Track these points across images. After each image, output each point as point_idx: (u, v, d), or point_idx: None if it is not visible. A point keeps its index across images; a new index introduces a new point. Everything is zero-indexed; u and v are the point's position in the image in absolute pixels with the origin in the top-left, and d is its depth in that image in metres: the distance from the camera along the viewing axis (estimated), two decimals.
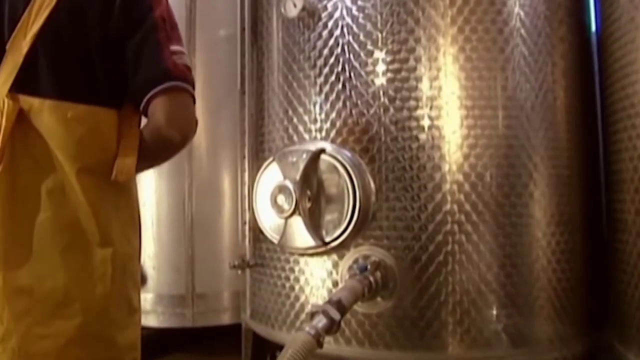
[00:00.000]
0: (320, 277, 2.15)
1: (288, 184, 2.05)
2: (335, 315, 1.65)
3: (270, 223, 2.24)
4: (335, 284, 2.11)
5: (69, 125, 1.24)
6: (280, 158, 2.15)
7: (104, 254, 1.27)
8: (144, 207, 2.88)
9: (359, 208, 2.02)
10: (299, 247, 2.12)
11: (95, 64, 1.30)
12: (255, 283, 2.50)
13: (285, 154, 2.14)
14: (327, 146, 2.11)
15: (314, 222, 2.07)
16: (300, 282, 2.21)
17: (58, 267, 1.23)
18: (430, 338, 1.99)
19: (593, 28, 2.41)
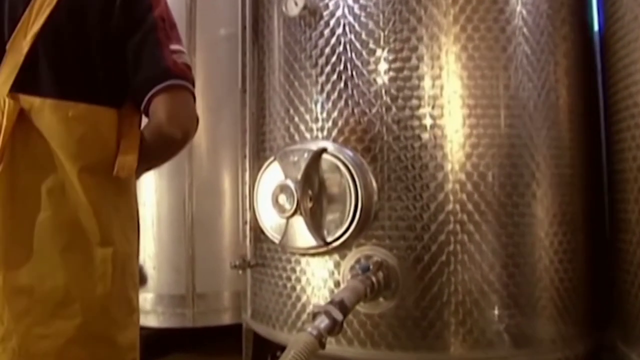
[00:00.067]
0: (321, 277, 2.15)
1: (289, 184, 2.04)
2: (338, 315, 1.64)
3: (271, 223, 2.23)
4: (337, 284, 2.10)
5: (69, 125, 1.24)
6: (281, 157, 2.14)
7: (105, 253, 1.27)
8: (144, 206, 2.89)
9: (360, 208, 2.01)
10: (301, 247, 2.11)
11: (96, 63, 1.30)
12: (256, 283, 2.49)
13: (287, 153, 2.13)
14: (329, 145, 2.10)
15: (316, 221, 2.06)
16: (302, 282, 2.20)
17: (58, 266, 1.23)
18: (432, 338, 1.98)
19: (596, 27, 2.39)
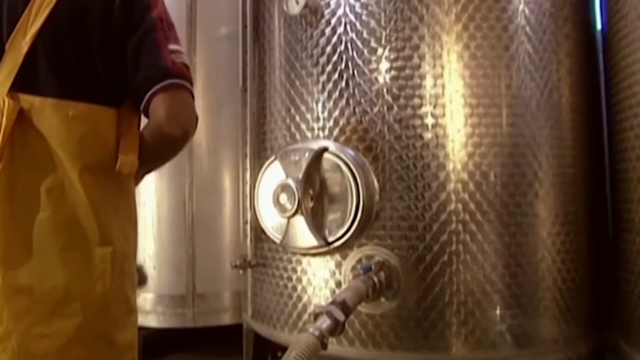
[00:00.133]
0: (322, 277, 2.14)
1: (290, 183, 2.03)
2: (340, 316, 1.63)
3: (272, 222, 2.22)
4: (338, 284, 2.09)
5: (70, 124, 1.24)
6: (282, 157, 2.13)
7: (104, 252, 1.27)
8: (144, 206, 2.87)
9: (362, 207, 2.00)
10: (302, 246, 2.10)
11: (96, 62, 1.30)
12: (256, 283, 2.48)
13: (288, 153, 2.12)
14: (330, 145, 2.09)
15: (317, 221, 2.05)
16: (303, 282, 2.19)
17: (58, 266, 1.23)
18: (434, 339, 1.97)
19: (598, 25, 2.38)
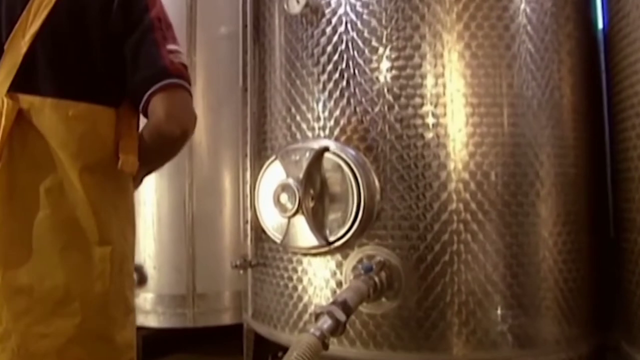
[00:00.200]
0: (323, 277, 2.13)
1: (291, 183, 2.02)
2: (341, 316, 1.63)
3: (272, 222, 2.22)
4: (339, 284, 2.08)
5: (70, 124, 1.25)
6: (283, 156, 2.13)
7: (103, 252, 1.27)
8: (144, 206, 2.87)
9: (363, 207, 1.99)
10: (302, 246, 2.10)
11: (95, 62, 1.30)
12: (257, 283, 2.48)
13: (288, 152, 2.12)
14: (331, 144, 2.08)
15: (318, 221, 2.05)
16: (303, 282, 2.19)
17: (57, 265, 1.23)
18: (435, 339, 1.96)
19: (600, 24, 2.38)
